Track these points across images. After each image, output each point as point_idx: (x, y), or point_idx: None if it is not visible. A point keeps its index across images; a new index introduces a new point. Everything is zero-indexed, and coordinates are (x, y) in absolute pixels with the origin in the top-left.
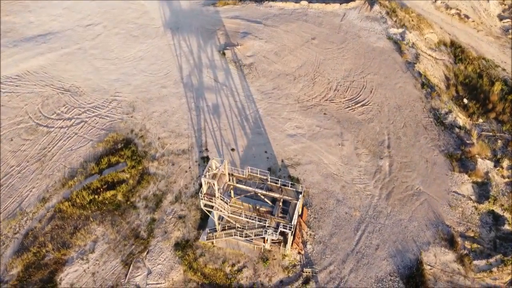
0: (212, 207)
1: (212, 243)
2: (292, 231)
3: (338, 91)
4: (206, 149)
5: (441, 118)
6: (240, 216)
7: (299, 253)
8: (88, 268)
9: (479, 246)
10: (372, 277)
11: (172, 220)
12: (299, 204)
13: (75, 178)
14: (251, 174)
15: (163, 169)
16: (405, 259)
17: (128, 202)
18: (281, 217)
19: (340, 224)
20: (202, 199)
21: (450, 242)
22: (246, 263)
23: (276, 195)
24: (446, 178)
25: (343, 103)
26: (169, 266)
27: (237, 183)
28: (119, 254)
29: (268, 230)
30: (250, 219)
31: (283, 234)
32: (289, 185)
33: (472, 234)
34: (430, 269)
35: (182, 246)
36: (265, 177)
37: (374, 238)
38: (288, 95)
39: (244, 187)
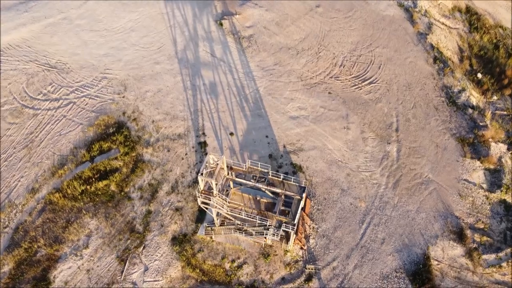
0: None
1: (211, 237)
2: (295, 230)
3: (344, 67)
4: (203, 134)
5: (453, 98)
6: (239, 214)
7: (301, 248)
8: (83, 264)
9: (488, 239)
10: (377, 274)
11: (168, 213)
12: (303, 201)
13: (65, 166)
14: (251, 167)
15: (158, 155)
16: (412, 254)
17: (122, 193)
18: (283, 211)
19: (345, 216)
20: (199, 197)
21: (459, 235)
22: (246, 259)
23: (278, 190)
24: (457, 165)
25: (349, 81)
26: (166, 262)
27: (236, 176)
28: (114, 250)
29: (269, 230)
30: (250, 217)
31: (285, 230)
32: (292, 179)
33: (482, 226)
34: (437, 264)
35: (179, 240)
36: (266, 170)
37: (380, 232)
38: (290, 72)
39: (243, 181)
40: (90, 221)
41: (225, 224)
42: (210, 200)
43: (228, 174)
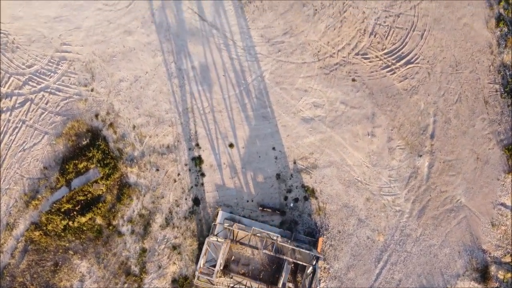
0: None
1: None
2: None
3: (375, 36)
4: (197, 145)
5: (511, 84)
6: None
7: None
8: None
9: None
10: None
11: (165, 251)
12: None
13: (39, 194)
14: (256, 230)
15: (145, 176)
16: None
17: (111, 227)
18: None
19: (360, 253)
20: (197, 278)
21: (483, 274)
22: None
23: (288, 259)
24: (496, 184)
25: (381, 60)
26: None
27: (239, 241)
28: None
29: None
30: None
31: None
32: (304, 247)
33: (508, 260)
34: None
35: (180, 284)
36: (274, 236)
37: (397, 272)
38: (304, 46)
39: (248, 247)
40: (80, 263)
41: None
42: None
43: (228, 237)
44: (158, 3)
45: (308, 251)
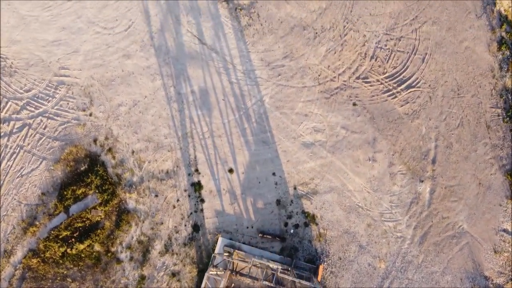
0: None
1: None
2: None
3: (376, 59)
4: (196, 170)
5: None
6: None
7: None
8: None
9: None
10: None
11: (164, 278)
12: None
13: (37, 221)
14: (256, 261)
15: (144, 202)
16: None
17: (109, 254)
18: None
19: (361, 280)
20: None
21: None
22: None
23: None
24: (499, 210)
25: (382, 84)
26: None
27: (239, 272)
28: None
29: None
30: None
31: None
32: (304, 277)
33: (510, 287)
34: None
35: None
36: (274, 267)
37: None
38: (305, 70)
39: (248, 279)
40: None
41: None
42: None
43: (228, 267)
44: (157, 26)
45: (308, 283)
